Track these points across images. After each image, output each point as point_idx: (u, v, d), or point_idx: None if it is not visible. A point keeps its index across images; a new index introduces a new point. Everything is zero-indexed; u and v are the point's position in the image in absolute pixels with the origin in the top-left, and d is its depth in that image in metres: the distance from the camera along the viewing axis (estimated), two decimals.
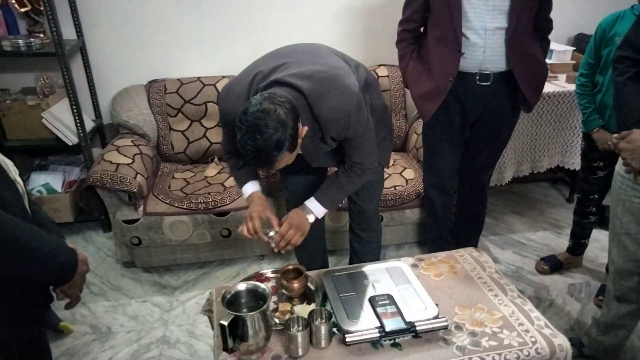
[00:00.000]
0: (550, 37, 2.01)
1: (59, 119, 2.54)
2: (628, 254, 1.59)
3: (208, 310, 1.61)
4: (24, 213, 1.07)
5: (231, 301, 1.32)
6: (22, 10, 2.45)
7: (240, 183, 1.71)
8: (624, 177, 1.51)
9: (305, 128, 1.38)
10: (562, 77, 2.77)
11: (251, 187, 1.69)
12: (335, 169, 1.70)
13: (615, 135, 1.44)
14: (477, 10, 1.82)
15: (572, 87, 2.62)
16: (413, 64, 2.05)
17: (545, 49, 2.00)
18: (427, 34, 1.99)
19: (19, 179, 1.11)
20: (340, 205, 2.35)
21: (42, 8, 2.44)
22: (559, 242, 2.71)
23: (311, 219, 1.64)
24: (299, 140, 1.35)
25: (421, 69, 2.01)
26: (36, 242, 0.98)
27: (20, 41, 2.39)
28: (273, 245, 1.61)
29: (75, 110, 2.52)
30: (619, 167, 1.54)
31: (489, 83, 1.92)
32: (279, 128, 1.24)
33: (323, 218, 2.03)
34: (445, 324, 1.36)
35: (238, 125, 1.27)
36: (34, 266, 1.00)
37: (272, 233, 1.62)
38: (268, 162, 1.30)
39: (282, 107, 1.26)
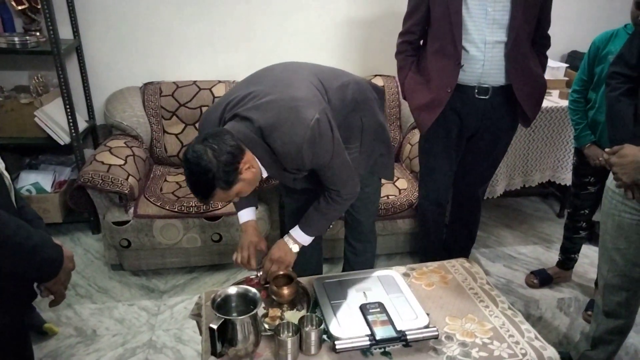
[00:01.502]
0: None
1: (52, 118, 2.52)
2: (617, 269, 1.60)
3: (197, 315, 1.59)
4: (10, 206, 1.06)
5: (221, 305, 1.31)
6: (19, 8, 2.43)
7: (237, 207, 1.71)
8: (615, 192, 1.53)
9: (249, 165, 1.38)
10: (555, 93, 2.81)
11: (247, 215, 1.70)
12: None
13: (607, 150, 1.45)
14: (477, 23, 1.84)
15: (565, 103, 2.65)
16: (412, 75, 2.05)
17: (543, 64, 2.03)
18: (426, 46, 2.00)
19: (5, 172, 1.09)
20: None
21: (39, 6, 2.43)
22: (549, 257, 2.72)
23: (295, 249, 1.64)
24: (241, 176, 1.36)
25: (420, 80, 2.02)
26: (20, 236, 0.97)
27: (16, 38, 2.37)
28: (260, 280, 1.63)
29: (68, 110, 2.51)
30: (610, 182, 1.55)
31: (487, 97, 1.93)
32: (206, 170, 1.30)
33: None
34: (436, 333, 1.36)
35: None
36: (18, 260, 0.99)
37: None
38: (204, 199, 1.37)
39: (213, 149, 1.30)
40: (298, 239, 1.63)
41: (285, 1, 2.74)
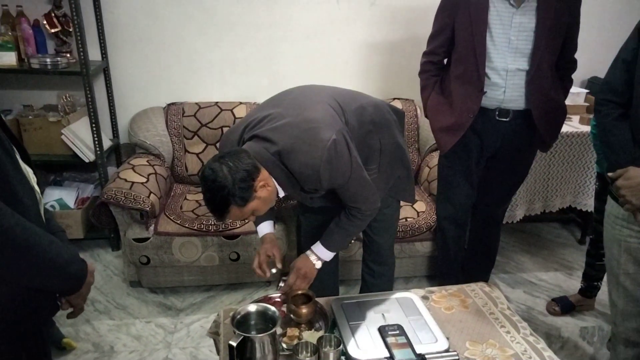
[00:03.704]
0: None
1: (78, 136, 2.59)
2: (628, 295, 1.56)
3: (214, 333, 1.59)
4: (39, 219, 1.09)
5: (240, 322, 1.31)
6: (52, 31, 2.54)
7: (256, 222, 1.73)
8: (617, 217, 1.51)
9: (264, 183, 1.39)
10: (576, 118, 2.79)
11: (265, 228, 1.72)
12: None
13: (609, 174, 1.44)
14: (500, 51, 1.86)
15: (585, 128, 2.64)
16: (435, 96, 2.06)
17: (567, 89, 2.03)
18: (450, 68, 2.02)
19: (36, 187, 1.13)
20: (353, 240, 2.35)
21: (71, 29, 2.53)
22: (571, 284, 2.66)
23: (318, 265, 1.65)
24: (256, 194, 1.38)
25: (443, 102, 2.03)
26: (52, 252, 0.99)
27: (48, 60, 2.46)
28: (280, 291, 1.65)
29: (94, 129, 2.58)
30: (610, 207, 1.54)
31: (508, 119, 1.94)
32: (221, 186, 1.33)
33: None
34: (456, 358, 1.33)
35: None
36: (48, 275, 1.01)
37: (274, 270, 1.67)
38: (220, 216, 1.39)
39: (229, 166, 1.33)
40: (320, 254, 1.64)
41: (306, 25, 2.81)
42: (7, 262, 0.92)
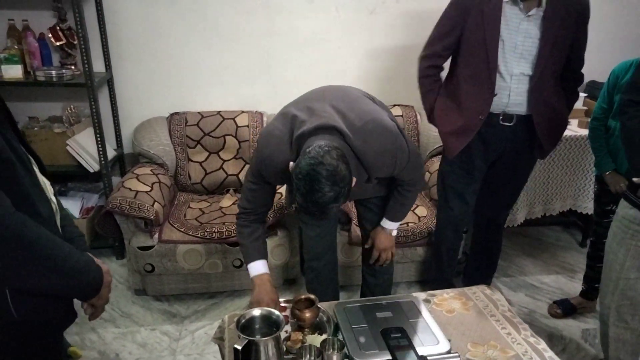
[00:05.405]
0: None
1: (83, 147, 2.63)
2: (625, 297, 1.58)
3: (219, 338, 1.61)
4: (55, 229, 1.12)
5: (245, 326, 1.33)
6: (57, 43, 2.59)
7: (249, 258, 1.67)
8: (631, 222, 1.52)
9: (354, 179, 1.40)
10: (574, 122, 2.82)
11: (262, 267, 1.66)
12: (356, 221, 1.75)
13: (635, 179, 1.45)
14: (507, 55, 1.87)
15: (584, 132, 2.66)
16: (441, 99, 2.05)
17: (571, 101, 2.05)
18: (456, 70, 2.00)
19: (53, 198, 1.16)
20: (353, 238, 2.38)
21: (76, 42, 2.58)
22: (572, 286, 2.68)
23: (394, 233, 1.90)
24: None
25: (450, 105, 2.02)
26: (72, 260, 1.03)
27: (53, 72, 2.51)
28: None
29: (99, 139, 2.61)
30: (623, 211, 1.55)
31: (511, 124, 1.96)
32: (339, 183, 1.29)
33: (336, 251, 2.06)
34: None
35: (297, 177, 1.31)
36: (68, 283, 1.05)
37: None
38: (324, 213, 1.36)
39: (342, 162, 1.31)
40: (391, 227, 1.87)
41: (307, 34, 2.85)
42: (30, 272, 0.96)
